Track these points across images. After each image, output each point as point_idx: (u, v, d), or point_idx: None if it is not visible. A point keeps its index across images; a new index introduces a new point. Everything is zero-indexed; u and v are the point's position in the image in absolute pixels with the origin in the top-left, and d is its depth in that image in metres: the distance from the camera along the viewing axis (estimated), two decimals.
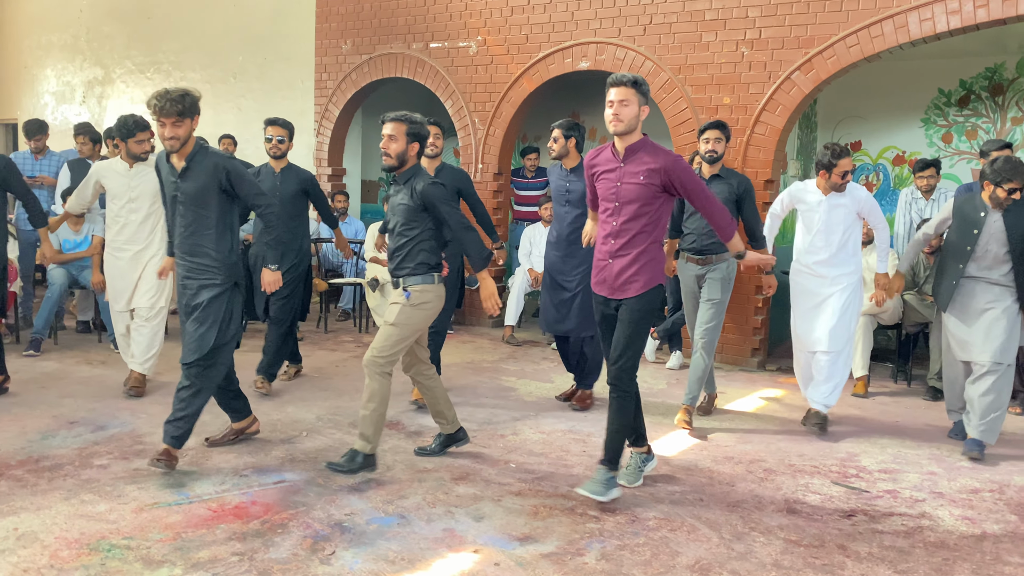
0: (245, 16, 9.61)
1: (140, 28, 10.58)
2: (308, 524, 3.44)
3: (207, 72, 9.98)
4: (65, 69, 11.46)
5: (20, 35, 11.99)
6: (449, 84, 8.14)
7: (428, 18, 8.23)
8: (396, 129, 4.07)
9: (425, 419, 4.98)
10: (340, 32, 8.80)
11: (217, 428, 4.51)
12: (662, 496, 3.91)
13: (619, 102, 3.65)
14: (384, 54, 8.51)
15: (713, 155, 5.05)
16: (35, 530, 3.27)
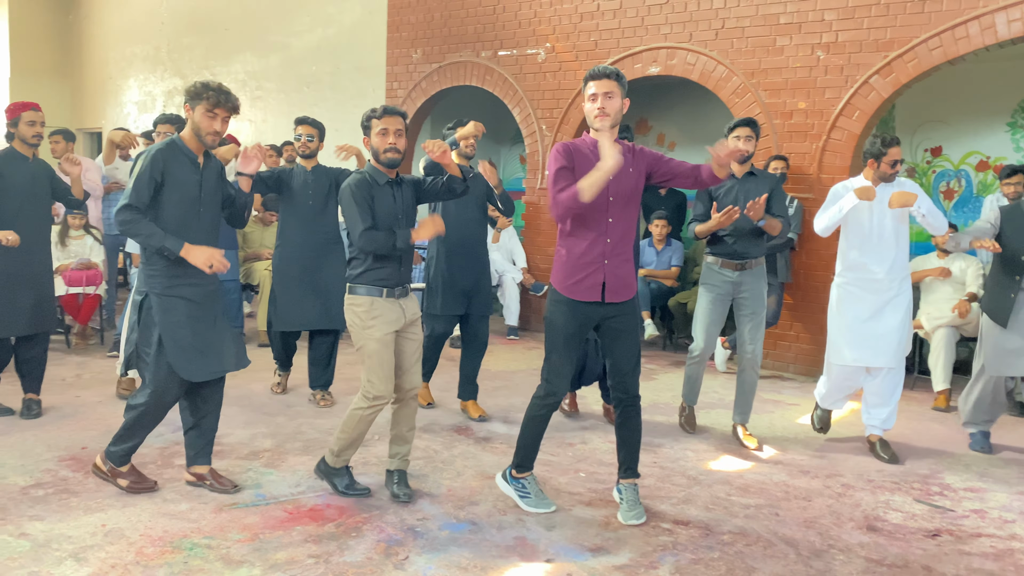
0: (320, 26, 9.83)
1: (219, 40, 10.92)
2: (381, 528, 3.48)
3: (282, 82, 10.24)
4: (147, 79, 11.89)
5: (106, 48, 12.50)
6: (517, 91, 8.17)
7: (497, 26, 8.27)
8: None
9: (493, 425, 5.00)
10: (411, 41, 8.92)
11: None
12: (736, 510, 3.83)
13: (604, 95, 3.45)
14: (453, 62, 8.59)
15: (744, 155, 4.74)
16: (121, 527, 3.38)
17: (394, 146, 3.75)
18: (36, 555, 3.11)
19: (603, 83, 3.46)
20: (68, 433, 4.55)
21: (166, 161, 3.55)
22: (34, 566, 3.02)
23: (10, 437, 4.43)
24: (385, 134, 3.74)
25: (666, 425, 5.15)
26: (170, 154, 3.58)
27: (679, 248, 7.65)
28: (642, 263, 7.55)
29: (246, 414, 5.02)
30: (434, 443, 4.63)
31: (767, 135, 6.74)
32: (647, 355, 7.27)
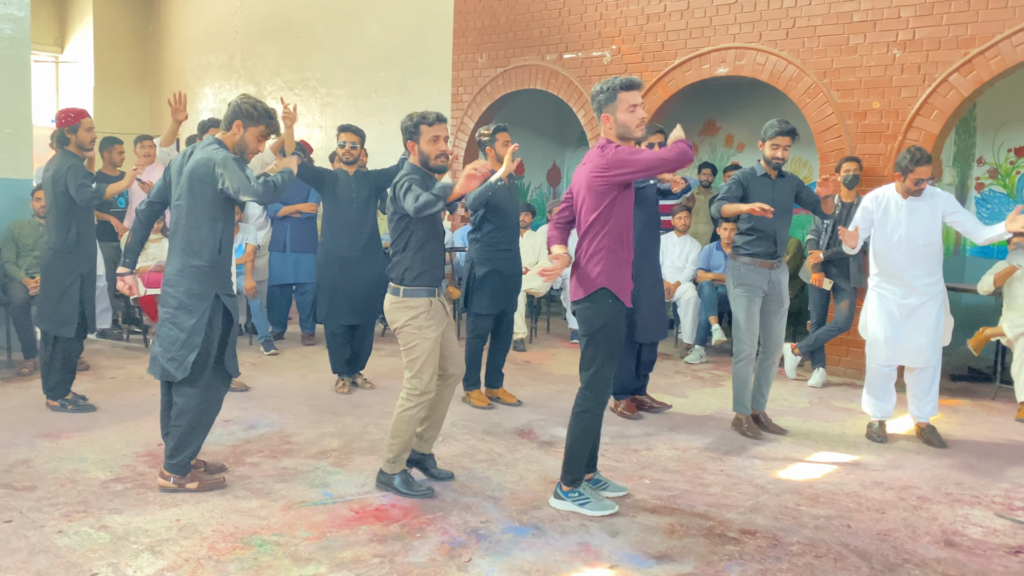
0: (387, 33, 9.98)
1: (290, 47, 11.18)
2: (445, 530, 3.50)
3: (350, 88, 10.42)
4: (221, 87, 12.25)
5: (183, 56, 12.93)
6: (582, 94, 8.15)
7: (562, 29, 8.27)
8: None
9: (556, 430, 4.98)
10: (476, 46, 8.98)
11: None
12: (805, 520, 3.74)
13: (642, 105, 3.63)
14: (518, 66, 8.61)
15: (780, 162, 4.93)
16: (195, 522, 3.49)
17: (445, 152, 3.84)
18: (115, 547, 3.22)
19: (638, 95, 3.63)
20: (146, 430, 4.71)
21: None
22: (113, 557, 3.13)
23: (91, 433, 4.61)
24: (436, 140, 3.81)
25: (732, 433, 5.06)
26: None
27: None
28: (710, 267, 7.44)
29: (315, 414, 5.12)
30: (497, 446, 4.64)
31: (839, 136, 6.57)
32: (713, 360, 7.16)
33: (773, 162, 4.92)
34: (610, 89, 3.59)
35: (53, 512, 3.52)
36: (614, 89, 3.58)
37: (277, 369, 6.30)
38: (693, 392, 6.06)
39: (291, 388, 5.75)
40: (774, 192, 4.93)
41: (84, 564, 3.07)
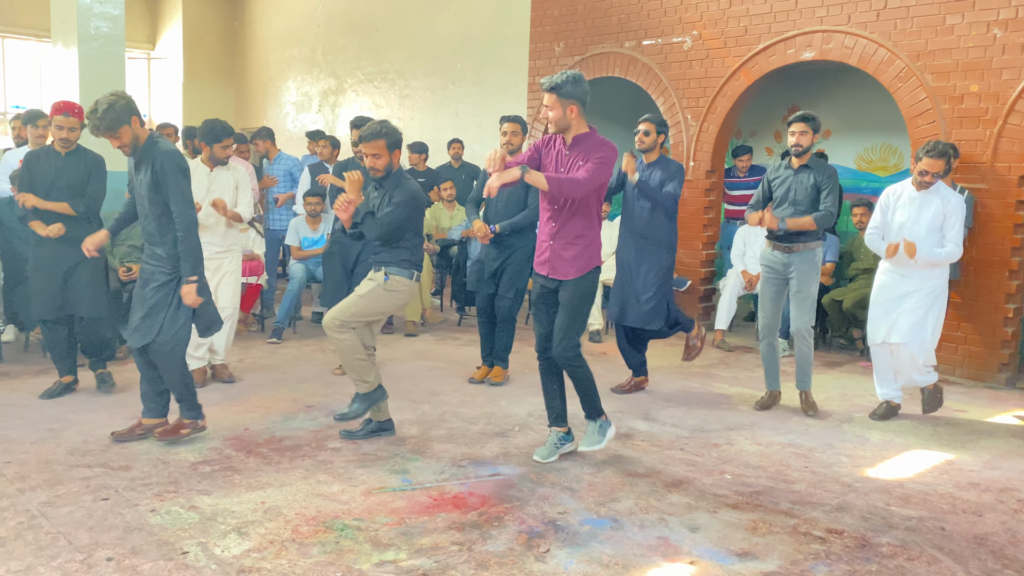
0: (465, 24, 10.01)
1: (370, 40, 11.34)
2: (523, 519, 3.50)
3: (428, 79, 10.51)
4: (304, 80, 12.52)
5: (267, 51, 13.26)
6: (662, 81, 8.01)
7: (641, 15, 8.13)
8: (378, 147, 4.32)
9: (633, 421, 4.93)
10: (553, 35, 8.92)
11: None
12: (896, 521, 3.59)
13: (544, 106, 4.01)
14: (596, 54, 8.52)
15: (799, 149, 5.06)
16: (279, 505, 3.57)
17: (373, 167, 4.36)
18: (204, 527, 3.33)
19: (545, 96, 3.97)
20: (232, 414, 4.85)
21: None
22: (202, 537, 3.24)
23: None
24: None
25: (817, 428, 4.91)
26: None
27: (834, 243, 7.25)
28: None
29: (393, 401, 5.16)
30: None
31: (933, 121, 6.28)
32: None
33: (793, 150, 5.08)
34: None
35: (146, 492, 3.66)
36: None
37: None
38: None
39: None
40: (793, 182, 5.11)
41: (175, 542, 3.18)
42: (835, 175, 5.10)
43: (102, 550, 3.10)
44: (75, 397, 5.08)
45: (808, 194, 5.05)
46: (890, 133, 8.06)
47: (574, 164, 3.99)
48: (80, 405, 4.92)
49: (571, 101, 3.95)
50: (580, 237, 4.04)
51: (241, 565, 3.02)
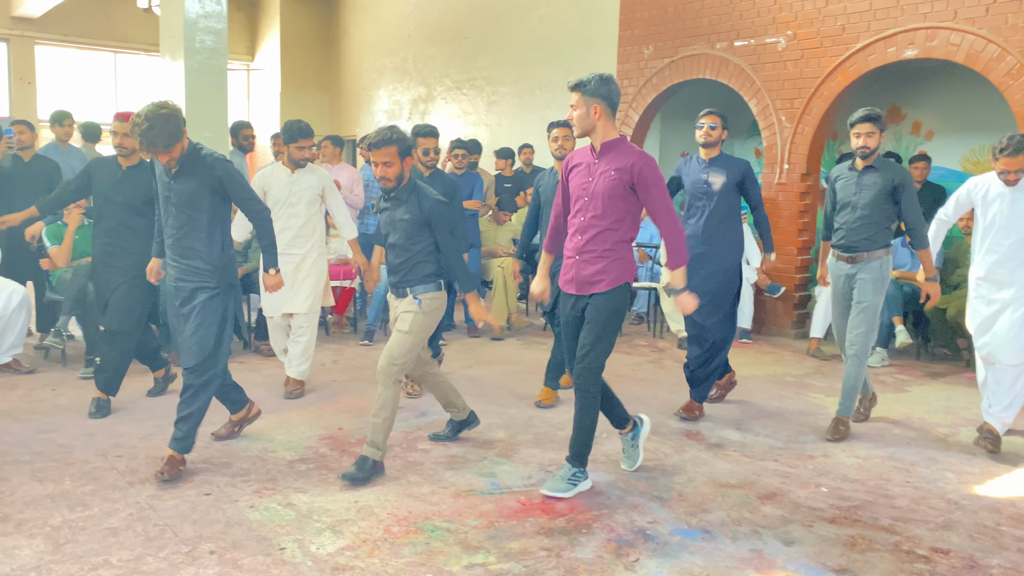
0: (552, 29, 10.03)
1: (458, 48, 11.49)
2: (611, 527, 3.47)
3: (516, 85, 10.57)
4: (395, 89, 12.79)
5: (359, 61, 13.60)
6: (754, 82, 7.83)
7: (734, 16, 7.98)
8: (389, 154, 3.95)
9: (725, 431, 4.83)
10: (642, 38, 8.84)
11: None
12: (1007, 542, 3.41)
13: (570, 106, 3.79)
14: (686, 56, 8.40)
15: (865, 151, 4.71)
16: (371, 505, 3.65)
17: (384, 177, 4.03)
18: (300, 524, 3.43)
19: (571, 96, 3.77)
20: (327, 414, 4.98)
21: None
22: (298, 534, 3.34)
23: (279, 416, 4.94)
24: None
25: (920, 442, 4.71)
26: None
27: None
28: (896, 264, 6.96)
29: (480, 404, 5.22)
30: (663, 446, 4.56)
31: None
32: (897, 364, 6.69)
33: (860, 152, 4.74)
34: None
35: (246, 488, 3.79)
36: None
37: (445, 360, 6.49)
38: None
39: (457, 379, 5.90)
40: (857, 185, 4.80)
41: (273, 538, 3.29)
42: (909, 178, 4.73)
43: (205, 543, 3.23)
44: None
45: (874, 198, 4.70)
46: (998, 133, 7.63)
47: (604, 174, 3.71)
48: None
49: (596, 100, 3.71)
50: (610, 251, 3.74)
51: (335, 563, 3.10)
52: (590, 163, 3.80)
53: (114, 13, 13.40)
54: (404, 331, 4.02)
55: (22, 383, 5.51)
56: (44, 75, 13.23)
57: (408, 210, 4.03)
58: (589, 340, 3.77)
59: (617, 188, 3.69)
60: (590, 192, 3.75)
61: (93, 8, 13.14)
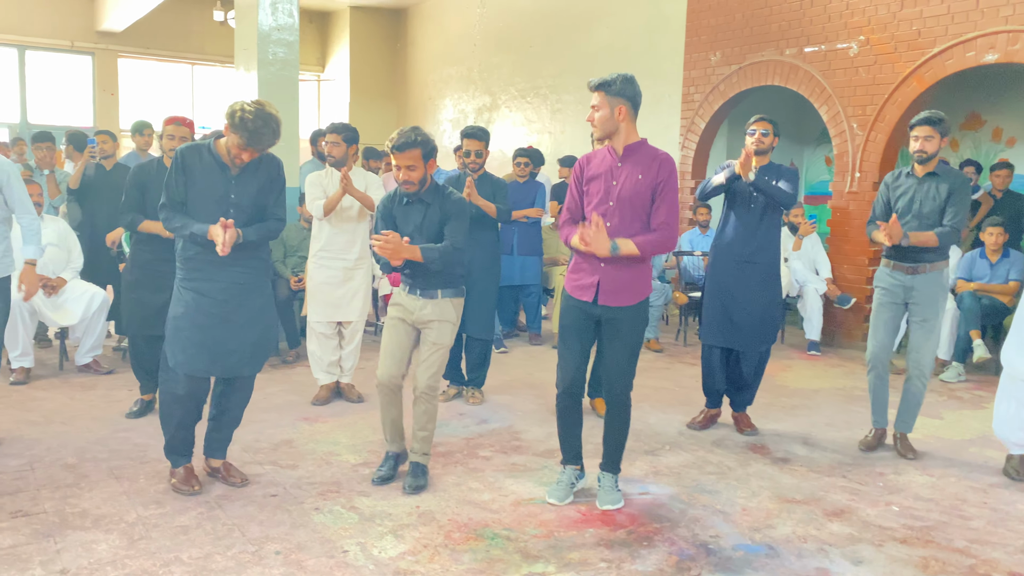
0: (617, 37, 10.00)
1: (523, 57, 11.55)
2: (673, 541, 3.43)
3: (580, 93, 10.56)
4: (460, 98, 12.91)
5: (426, 71, 13.78)
6: (825, 89, 7.66)
7: (804, 22, 7.83)
8: (413, 157, 3.80)
9: (791, 445, 4.72)
10: (709, 44, 8.75)
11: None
12: None
13: (591, 107, 3.64)
14: (754, 62, 8.28)
15: (923, 155, 4.51)
16: (432, 510, 3.68)
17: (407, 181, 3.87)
18: (363, 528, 3.48)
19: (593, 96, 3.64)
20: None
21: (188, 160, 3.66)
22: (361, 537, 3.39)
23: (344, 418, 5.02)
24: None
25: (997, 461, 4.52)
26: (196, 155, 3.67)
27: (1019, 259, 6.68)
28: (974, 276, 6.72)
29: (542, 412, 5.23)
30: (727, 459, 4.48)
31: None
32: (974, 379, 6.45)
33: (916, 156, 4.54)
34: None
35: (311, 490, 3.87)
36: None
37: (506, 367, 6.51)
38: (950, 413, 5.50)
39: (519, 386, 5.92)
40: (917, 192, 4.58)
41: (336, 541, 3.35)
42: (966, 185, 4.51)
43: (271, 543, 3.30)
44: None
45: (937, 206, 4.48)
46: None
47: (630, 178, 3.58)
48: (252, 405, 5.27)
49: (621, 100, 3.57)
50: (636, 260, 3.61)
51: (397, 567, 3.13)
52: (612, 166, 3.63)
53: (192, 26, 13.88)
54: (442, 344, 3.94)
55: (101, 383, 5.73)
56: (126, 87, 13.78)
57: (438, 210, 3.92)
58: (624, 359, 3.68)
59: (645, 193, 3.58)
60: (615, 197, 3.60)
61: (172, 22, 13.64)
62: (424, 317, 3.93)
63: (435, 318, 3.92)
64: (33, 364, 5.80)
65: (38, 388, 5.56)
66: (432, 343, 3.92)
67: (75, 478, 3.92)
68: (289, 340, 6.64)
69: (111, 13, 12.52)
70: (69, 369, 6.07)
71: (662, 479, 4.14)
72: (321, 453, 4.39)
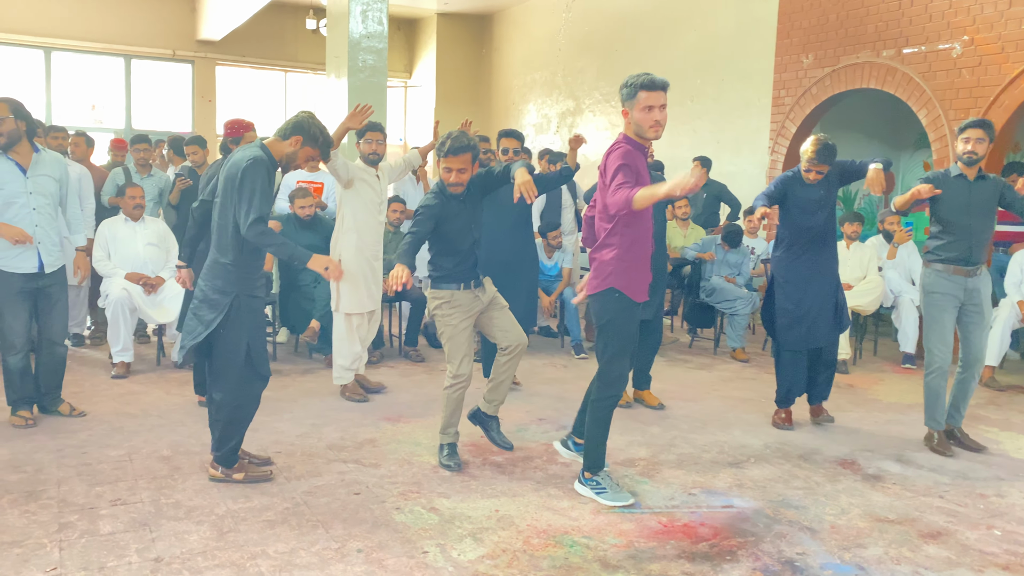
0: (705, 40, 9.83)
1: (608, 61, 11.47)
2: (757, 556, 3.33)
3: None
4: (544, 103, 12.92)
5: (510, 76, 13.85)
6: (924, 92, 7.35)
7: (903, 22, 7.53)
8: (465, 160, 4.05)
9: (884, 462, 4.54)
10: (802, 46, 8.51)
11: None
12: None
13: (660, 107, 3.59)
14: (849, 65, 8.01)
15: (972, 157, 4.61)
16: (511, 515, 3.68)
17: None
18: (442, 529, 3.50)
19: (662, 95, 3.57)
20: (469, 424, 5.06)
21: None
22: (441, 539, 3.41)
23: (426, 419, 5.08)
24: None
25: None
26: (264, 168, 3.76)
27: None
28: None
29: (622, 420, 5.17)
30: (815, 474, 4.33)
31: None
32: None
33: (966, 157, 4.63)
34: (632, 85, 3.60)
35: (392, 490, 3.92)
36: (635, 86, 3.59)
37: (589, 372, 6.47)
38: None
39: None
40: (970, 194, 4.66)
41: (417, 541, 3.38)
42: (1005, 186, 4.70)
43: (353, 541, 3.36)
44: (333, 396, 5.57)
45: (992, 208, 4.69)
46: None
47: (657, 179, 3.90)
48: (338, 404, 5.39)
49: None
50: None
51: (475, 570, 3.14)
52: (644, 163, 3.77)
53: (286, 34, 14.32)
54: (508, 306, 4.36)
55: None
56: (223, 94, 14.31)
57: (478, 200, 4.24)
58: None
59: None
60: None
61: (267, 31, 14.10)
62: (484, 299, 4.27)
63: (492, 294, 4.32)
64: (133, 359, 6.07)
65: (136, 382, 5.81)
66: (503, 308, 4.32)
67: (169, 470, 4.07)
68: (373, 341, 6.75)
69: (210, 22, 13.03)
70: (166, 365, 6.33)
71: (746, 492, 4.04)
72: (403, 453, 4.45)
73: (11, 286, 4.58)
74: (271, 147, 3.81)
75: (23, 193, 4.59)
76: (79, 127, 10.85)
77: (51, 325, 4.81)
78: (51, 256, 4.69)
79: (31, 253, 4.61)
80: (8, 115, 4.48)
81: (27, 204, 4.60)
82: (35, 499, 3.65)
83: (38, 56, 12.92)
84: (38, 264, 4.64)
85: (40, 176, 4.67)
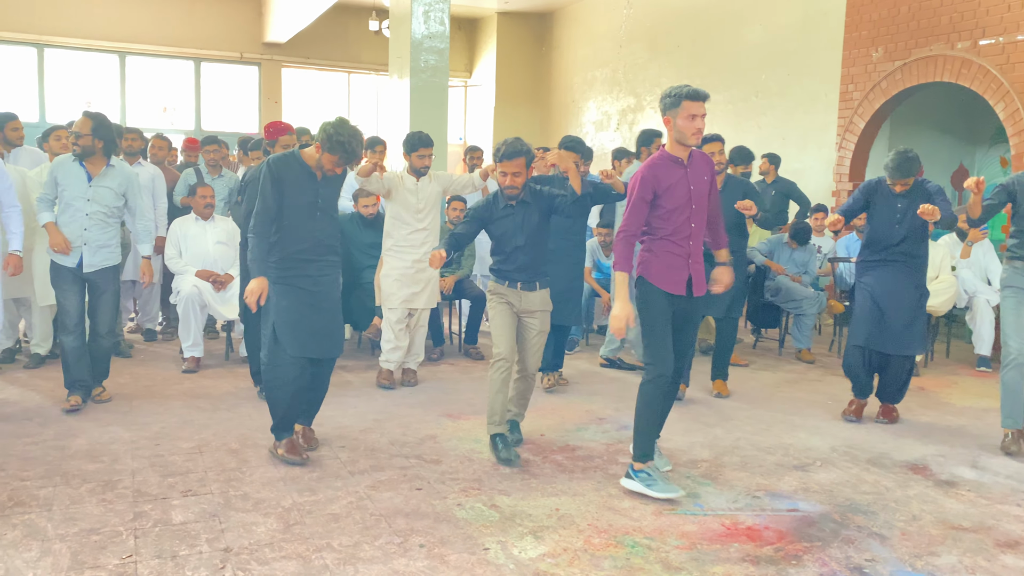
0: (771, 34, 9.66)
1: (671, 57, 11.36)
2: (824, 561, 3.26)
3: (729, 92, 10.28)
4: (604, 100, 12.86)
5: (571, 73, 13.82)
6: (1002, 85, 7.09)
7: (979, 12, 7.27)
8: (519, 164, 4.27)
9: (958, 468, 4.39)
10: (871, 40, 8.29)
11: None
12: None
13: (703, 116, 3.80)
14: (920, 58, 7.77)
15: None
16: (572, 514, 3.67)
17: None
18: (503, 527, 3.52)
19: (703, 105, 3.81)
20: (529, 420, 5.07)
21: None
22: (501, 536, 3.42)
23: (484, 417, 5.10)
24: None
25: None
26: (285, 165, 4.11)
27: None
28: None
29: (684, 421, 5.11)
30: (884, 479, 4.22)
31: None
32: None
33: None
34: (676, 95, 3.79)
35: (453, 486, 3.95)
36: (680, 96, 3.78)
37: None
38: None
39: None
40: None
41: (478, 538, 3.40)
42: None
43: (415, 536, 3.40)
44: (397, 392, 5.65)
45: None
46: None
47: (702, 181, 3.93)
48: (401, 400, 5.46)
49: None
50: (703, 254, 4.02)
51: (536, 568, 3.15)
52: (684, 172, 3.89)
53: (349, 36, 14.56)
54: (545, 332, 4.47)
55: None
56: (288, 95, 14.62)
57: (535, 209, 4.36)
58: (694, 338, 4.14)
59: (710, 193, 3.99)
60: (697, 199, 3.90)
61: (331, 33, 14.35)
62: (528, 307, 4.40)
63: (539, 308, 4.43)
64: (203, 354, 6.25)
65: (206, 376, 5.98)
66: (538, 331, 4.43)
67: (238, 463, 4.18)
68: (434, 338, 6.82)
69: (276, 25, 13.33)
70: (234, 359, 6.49)
71: (812, 496, 3.95)
72: (463, 450, 4.48)
73: (64, 273, 5.02)
74: (304, 153, 4.13)
75: (82, 199, 4.98)
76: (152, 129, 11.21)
77: (97, 316, 5.12)
78: (95, 257, 5.03)
79: (75, 252, 4.99)
80: (88, 133, 4.88)
81: (82, 209, 4.98)
82: (111, 488, 3.79)
83: (113, 61, 13.40)
84: (78, 262, 5.01)
85: (102, 187, 5.02)
